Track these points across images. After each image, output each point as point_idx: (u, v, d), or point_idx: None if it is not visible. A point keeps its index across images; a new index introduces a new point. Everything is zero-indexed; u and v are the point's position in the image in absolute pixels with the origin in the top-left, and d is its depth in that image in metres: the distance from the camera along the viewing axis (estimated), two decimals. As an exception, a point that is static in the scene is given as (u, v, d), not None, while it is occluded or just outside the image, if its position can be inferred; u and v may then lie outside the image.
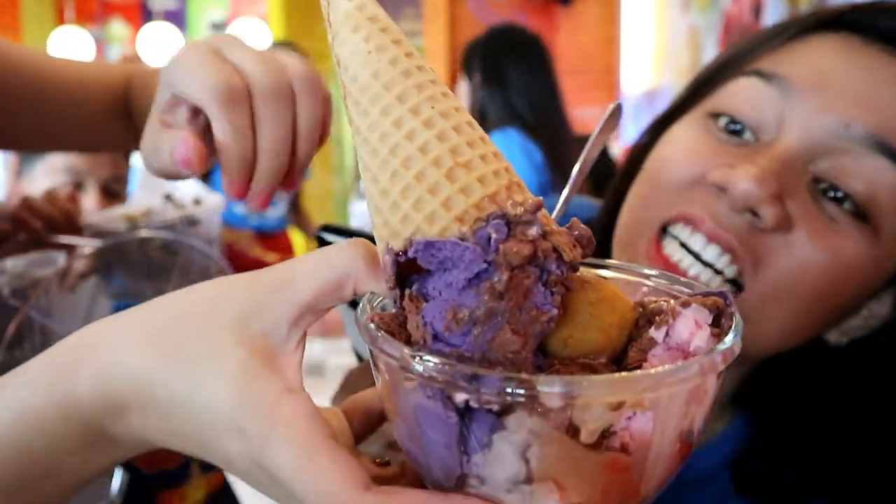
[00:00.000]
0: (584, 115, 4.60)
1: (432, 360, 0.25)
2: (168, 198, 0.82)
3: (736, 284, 0.46)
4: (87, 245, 0.71)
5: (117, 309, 0.66)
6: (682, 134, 0.51)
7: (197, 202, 0.83)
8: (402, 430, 0.29)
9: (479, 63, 1.70)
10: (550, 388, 0.24)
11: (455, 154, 0.28)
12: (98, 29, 5.70)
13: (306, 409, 0.28)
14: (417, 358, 0.25)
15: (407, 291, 0.28)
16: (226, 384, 0.28)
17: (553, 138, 1.62)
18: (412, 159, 0.28)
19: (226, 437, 0.29)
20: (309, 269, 0.30)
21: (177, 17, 5.65)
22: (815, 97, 0.44)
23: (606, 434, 0.25)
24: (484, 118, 1.65)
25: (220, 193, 0.94)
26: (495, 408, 0.25)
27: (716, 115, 0.49)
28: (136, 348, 0.30)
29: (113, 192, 1.23)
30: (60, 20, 5.44)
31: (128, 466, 0.65)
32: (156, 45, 5.47)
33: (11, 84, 0.60)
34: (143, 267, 0.75)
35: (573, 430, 0.25)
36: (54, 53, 0.69)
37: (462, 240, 0.27)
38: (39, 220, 0.71)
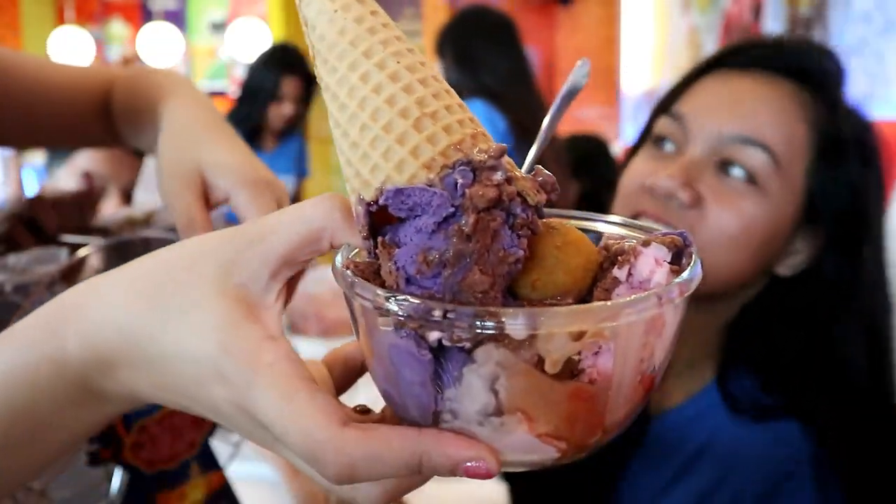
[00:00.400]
0: (584, 115, 4.60)
1: (405, 300, 0.26)
2: None
3: None
4: (90, 244, 0.71)
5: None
6: (636, 157, 0.73)
7: None
8: (378, 372, 0.30)
9: (450, 44, 1.76)
10: (515, 320, 0.25)
11: (421, 105, 0.29)
12: (98, 29, 5.70)
13: (286, 354, 0.30)
14: (391, 299, 0.27)
15: (379, 239, 0.29)
16: (209, 334, 0.29)
17: (519, 107, 1.67)
18: (380, 111, 0.29)
19: (210, 385, 0.30)
20: (286, 222, 0.31)
21: (177, 17, 5.65)
22: (700, 121, 0.66)
23: (570, 365, 0.27)
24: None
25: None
26: (467, 345, 0.26)
27: (655, 139, 0.72)
28: (122, 304, 0.31)
29: (132, 195, 1.26)
30: (60, 20, 5.45)
31: (127, 467, 0.65)
32: (156, 45, 5.47)
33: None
34: None
35: (539, 362, 0.26)
36: (54, 53, 0.72)
37: (430, 186, 0.28)
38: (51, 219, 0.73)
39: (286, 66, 2.46)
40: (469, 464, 0.28)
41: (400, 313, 0.27)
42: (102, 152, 1.23)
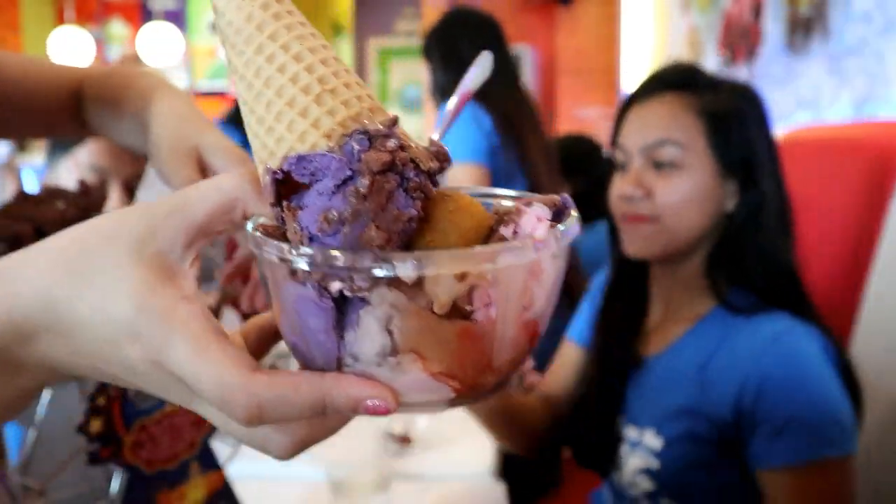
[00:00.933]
0: (584, 115, 4.60)
1: (307, 252, 0.29)
2: None
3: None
4: None
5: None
6: (614, 178, 0.98)
7: None
8: (286, 325, 0.33)
9: (436, 46, 1.79)
10: (404, 263, 0.28)
11: (322, 83, 0.32)
12: (98, 29, 5.70)
13: (200, 312, 0.32)
14: (294, 251, 0.29)
15: (284, 203, 0.32)
16: (125, 298, 0.31)
17: (504, 106, 1.70)
18: (284, 88, 0.32)
19: (126, 345, 0.31)
20: (200, 194, 0.33)
21: (177, 17, 5.65)
22: (632, 141, 0.93)
23: (459, 307, 0.29)
24: (443, 95, 1.75)
25: None
26: (364, 293, 0.29)
27: (617, 165, 0.97)
28: (42, 271, 0.32)
29: (134, 189, 1.27)
30: (60, 20, 5.45)
31: (127, 466, 0.66)
32: (156, 44, 5.47)
33: None
34: None
35: (429, 304, 0.29)
36: (54, 53, 0.77)
37: (330, 152, 0.31)
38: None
39: None
40: (369, 402, 0.30)
41: (303, 265, 0.29)
42: (103, 145, 1.23)
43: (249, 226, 0.33)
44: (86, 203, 0.78)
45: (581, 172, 1.95)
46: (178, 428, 0.66)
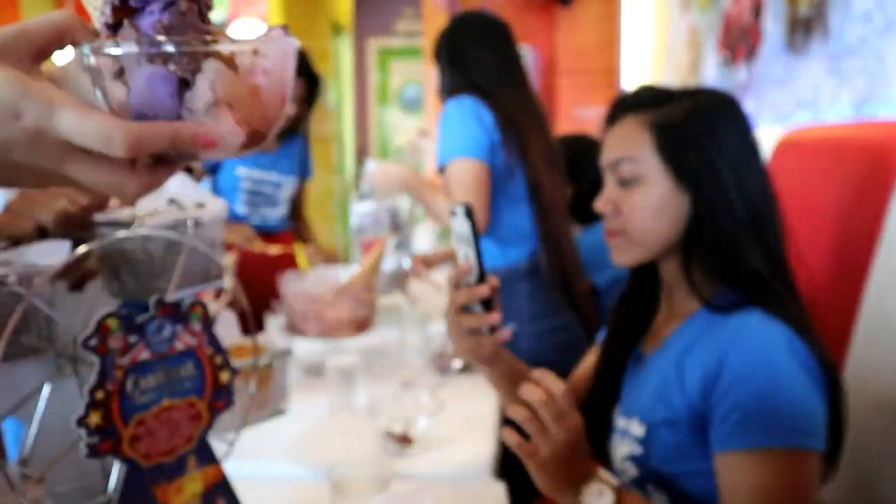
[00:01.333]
0: (584, 115, 4.60)
1: (154, 38, 0.41)
2: (172, 201, 0.84)
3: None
4: (92, 240, 0.71)
5: (124, 307, 0.67)
6: None
7: (200, 206, 0.84)
8: (136, 102, 0.42)
9: (444, 48, 1.83)
10: (224, 44, 0.42)
11: None
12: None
13: (75, 96, 0.41)
14: (159, 42, 0.41)
15: (126, 21, 0.42)
16: (3, 88, 0.39)
17: (508, 103, 1.73)
18: None
19: (6, 122, 0.40)
20: (36, 23, 0.43)
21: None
22: (604, 161, 0.99)
23: (248, 73, 0.43)
24: (449, 94, 1.78)
25: (223, 199, 0.95)
26: (198, 65, 0.42)
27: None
28: None
29: None
30: (61, 20, 5.44)
31: (126, 460, 0.66)
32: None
33: None
34: (145, 266, 0.75)
35: (235, 69, 0.43)
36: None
37: None
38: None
39: None
40: (205, 136, 0.42)
41: (169, 48, 0.41)
42: None
43: (87, 49, 0.42)
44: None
45: (581, 172, 1.95)
46: (176, 423, 0.67)
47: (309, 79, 2.46)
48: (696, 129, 0.93)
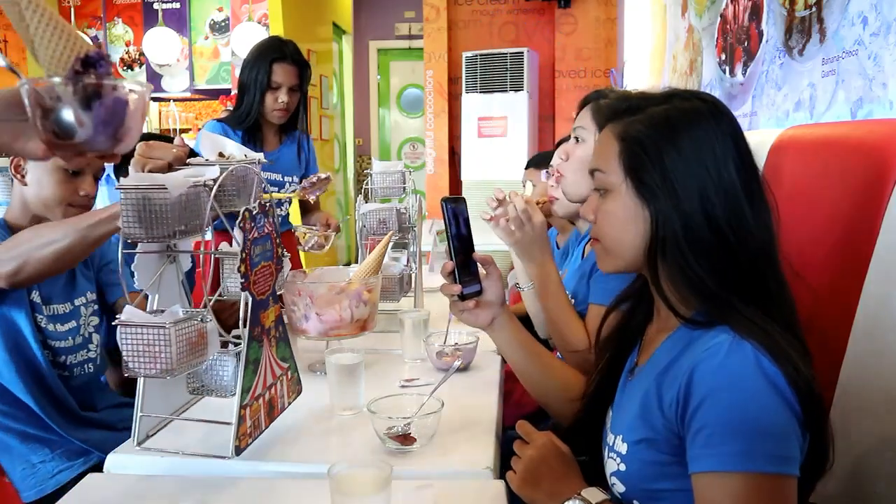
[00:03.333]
0: (583, 115, 4.59)
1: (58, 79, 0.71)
2: (221, 154, 1.19)
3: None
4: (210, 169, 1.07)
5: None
6: None
7: (246, 156, 1.19)
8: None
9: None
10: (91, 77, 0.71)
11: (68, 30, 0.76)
12: (100, 30, 5.71)
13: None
14: (58, 77, 0.68)
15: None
16: None
17: None
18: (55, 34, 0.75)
19: None
20: None
21: (178, 18, 5.65)
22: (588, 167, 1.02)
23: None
24: None
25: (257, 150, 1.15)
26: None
27: None
28: None
29: (97, 178, 1.67)
30: (61, 21, 5.45)
31: (251, 294, 0.91)
32: (157, 45, 5.48)
33: None
34: (238, 185, 1.17)
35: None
36: None
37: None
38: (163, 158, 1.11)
39: (277, 55, 2.48)
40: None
41: (63, 79, 0.69)
42: None
43: (25, 84, 0.66)
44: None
45: None
46: (266, 276, 1.13)
47: (299, 65, 2.54)
48: (658, 141, 0.90)
